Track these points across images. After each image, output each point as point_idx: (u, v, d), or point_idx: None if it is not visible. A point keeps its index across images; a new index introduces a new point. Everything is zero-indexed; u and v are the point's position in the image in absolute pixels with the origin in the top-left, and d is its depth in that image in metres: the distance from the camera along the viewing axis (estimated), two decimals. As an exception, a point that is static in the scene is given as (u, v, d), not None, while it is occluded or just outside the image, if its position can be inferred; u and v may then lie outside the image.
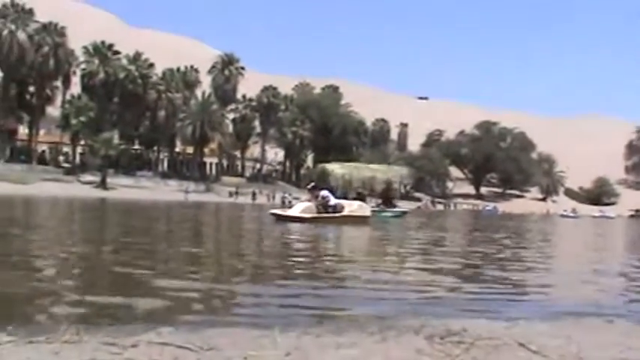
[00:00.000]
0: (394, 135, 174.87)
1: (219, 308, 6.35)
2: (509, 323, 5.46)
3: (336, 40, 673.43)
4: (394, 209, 47.45)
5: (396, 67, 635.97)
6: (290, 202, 73.39)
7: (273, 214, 28.13)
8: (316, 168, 59.75)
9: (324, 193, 28.61)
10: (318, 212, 27.30)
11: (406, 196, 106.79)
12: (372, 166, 59.23)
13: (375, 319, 5.60)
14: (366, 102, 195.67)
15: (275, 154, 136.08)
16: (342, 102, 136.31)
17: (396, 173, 58.64)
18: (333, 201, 28.35)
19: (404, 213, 47.44)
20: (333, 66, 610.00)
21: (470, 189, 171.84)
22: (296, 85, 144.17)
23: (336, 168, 52.92)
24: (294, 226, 22.92)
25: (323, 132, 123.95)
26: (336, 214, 27.48)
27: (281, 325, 4.86)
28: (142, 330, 4.55)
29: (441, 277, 9.46)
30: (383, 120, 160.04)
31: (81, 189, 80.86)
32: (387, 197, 50.91)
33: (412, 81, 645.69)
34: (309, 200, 28.77)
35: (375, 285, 8.28)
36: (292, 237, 18.58)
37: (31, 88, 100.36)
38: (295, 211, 27.95)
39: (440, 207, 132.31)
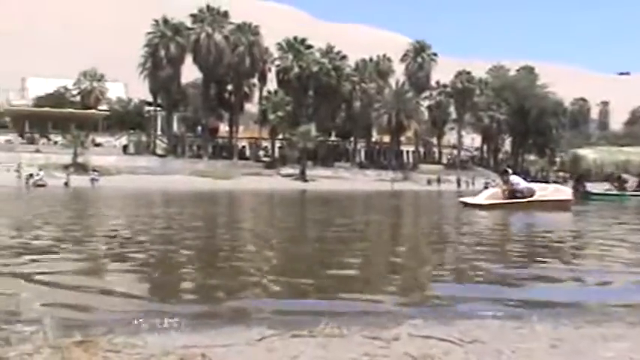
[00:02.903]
0: (594, 114, 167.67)
1: (457, 296, 6.17)
2: None
3: (529, 22, 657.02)
4: None
5: (593, 44, 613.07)
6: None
7: (462, 202, 27.17)
8: (568, 153, 57.41)
9: (514, 178, 27.19)
10: (506, 198, 25.98)
11: None
12: (625, 149, 56.24)
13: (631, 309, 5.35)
14: (563, 82, 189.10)
15: (472, 140, 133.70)
16: (539, 83, 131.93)
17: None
18: (522, 185, 26.82)
19: None
20: (527, 48, 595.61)
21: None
22: (490, 69, 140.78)
23: (588, 153, 50.82)
24: (484, 214, 22.03)
25: (520, 115, 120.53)
26: (524, 200, 25.94)
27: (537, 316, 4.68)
28: (394, 323, 4.47)
29: None
30: (582, 99, 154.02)
31: (281, 182, 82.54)
32: None
33: (611, 57, 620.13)
34: (502, 185, 27.57)
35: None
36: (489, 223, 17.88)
37: (229, 87, 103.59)
38: (481, 198, 26.88)
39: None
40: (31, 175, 64.30)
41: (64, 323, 3.38)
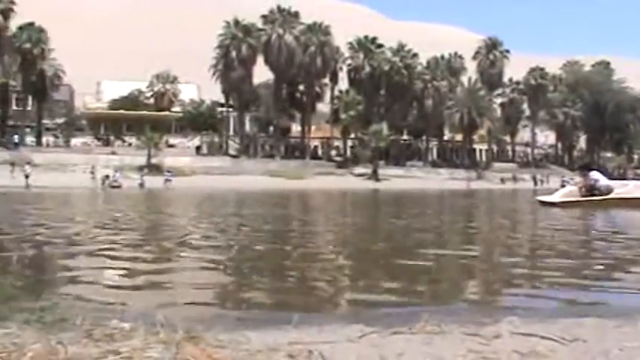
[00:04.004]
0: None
1: (548, 295, 6.17)
2: None
3: (605, 16, 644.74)
4: None
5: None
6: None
7: (540, 201, 26.67)
8: None
9: (594, 174, 26.44)
10: (583, 196, 25.34)
11: None
12: None
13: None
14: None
15: (545, 137, 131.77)
16: (615, 78, 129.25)
17: None
18: (602, 182, 26.07)
19: None
20: (602, 43, 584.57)
21: None
22: (564, 64, 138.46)
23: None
24: (561, 212, 21.55)
25: (595, 111, 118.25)
26: (601, 197, 25.22)
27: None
28: (491, 320, 4.40)
29: None
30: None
31: (353, 181, 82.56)
32: None
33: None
34: (581, 182, 26.88)
35: None
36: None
37: (301, 87, 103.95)
38: (556, 196, 26.29)
39: None
40: (107, 177, 65.39)
41: (163, 320, 3.32)
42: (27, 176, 60.63)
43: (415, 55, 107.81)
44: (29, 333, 3.09)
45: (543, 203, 25.87)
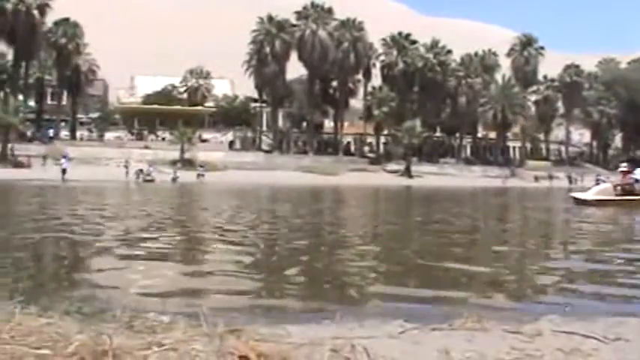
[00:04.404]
0: None
1: (587, 292, 6.27)
2: None
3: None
4: None
5: None
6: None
7: (574, 198, 26.34)
8: None
9: (636, 173, 26.07)
10: (618, 195, 24.98)
11: None
12: None
13: None
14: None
15: (580, 135, 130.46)
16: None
17: None
18: None
19: None
20: (638, 41, 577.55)
21: None
22: (600, 62, 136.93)
23: None
24: (597, 211, 21.38)
25: (631, 109, 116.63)
26: (638, 197, 24.83)
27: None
28: (531, 318, 4.45)
29: None
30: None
31: (386, 178, 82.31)
32: None
33: None
34: (618, 180, 26.52)
35: None
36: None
37: (334, 83, 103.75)
38: (590, 194, 25.95)
39: None
40: (141, 171, 65.70)
41: (205, 313, 3.30)
42: (64, 170, 61.13)
43: (449, 51, 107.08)
44: (70, 323, 3.09)
45: (578, 201, 25.63)
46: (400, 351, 3.40)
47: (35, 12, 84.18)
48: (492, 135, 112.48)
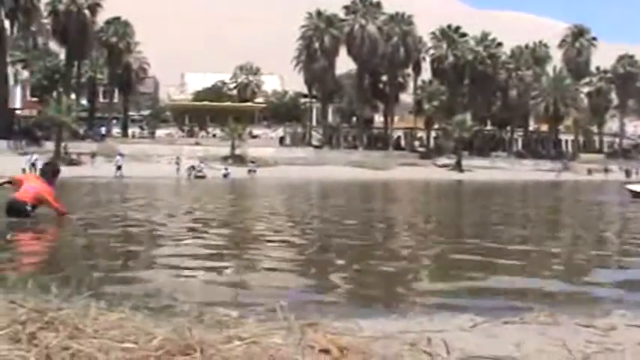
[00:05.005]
0: None
1: None
2: None
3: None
4: None
5: None
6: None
7: (630, 191, 25.89)
8: None
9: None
10: None
11: None
12: None
13: None
14: None
15: (634, 127, 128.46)
16: None
17: None
18: None
19: None
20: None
21: None
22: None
23: None
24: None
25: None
26: None
27: None
28: (601, 312, 4.43)
29: None
30: None
31: (437, 172, 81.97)
32: None
33: None
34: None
35: None
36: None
37: (384, 78, 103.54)
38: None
39: None
40: (192, 167, 66.16)
41: (283, 307, 3.27)
42: (119, 167, 62.10)
43: (499, 44, 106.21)
44: (143, 318, 3.08)
45: (634, 193, 25.23)
46: (475, 344, 3.36)
47: (86, 12, 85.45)
48: (544, 128, 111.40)
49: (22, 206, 11.25)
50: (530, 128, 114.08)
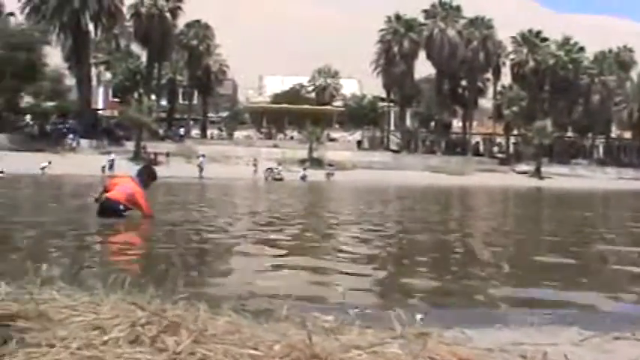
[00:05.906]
0: None
1: None
2: None
3: None
4: None
5: None
6: None
7: None
8: None
9: None
10: None
11: None
12: None
13: None
14: None
15: None
16: None
17: None
18: None
19: None
20: None
21: None
22: None
23: None
24: None
25: None
26: None
27: None
28: None
29: None
30: None
31: (515, 179, 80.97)
32: None
33: None
34: None
35: None
36: None
37: (463, 82, 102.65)
38: None
39: None
40: (270, 169, 66.62)
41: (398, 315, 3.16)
42: (201, 168, 63.26)
43: (581, 48, 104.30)
44: (249, 322, 3.01)
45: None
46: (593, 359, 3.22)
47: (167, 15, 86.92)
48: (627, 135, 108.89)
49: (116, 206, 11.29)
50: (613, 135, 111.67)
